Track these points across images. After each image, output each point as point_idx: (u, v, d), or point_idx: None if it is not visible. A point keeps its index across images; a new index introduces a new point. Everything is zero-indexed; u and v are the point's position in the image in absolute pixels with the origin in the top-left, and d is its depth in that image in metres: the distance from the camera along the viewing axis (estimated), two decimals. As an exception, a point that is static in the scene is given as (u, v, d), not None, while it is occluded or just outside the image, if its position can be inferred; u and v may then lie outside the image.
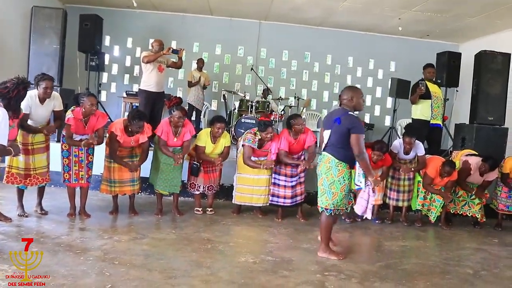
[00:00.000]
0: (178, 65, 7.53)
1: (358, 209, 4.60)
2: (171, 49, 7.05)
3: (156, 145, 5.62)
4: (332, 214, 4.43)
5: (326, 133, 4.45)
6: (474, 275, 4.39)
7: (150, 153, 5.75)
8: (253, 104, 9.26)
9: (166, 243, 4.56)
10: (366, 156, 4.27)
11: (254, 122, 8.50)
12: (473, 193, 6.23)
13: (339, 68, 11.54)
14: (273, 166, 5.72)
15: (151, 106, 7.17)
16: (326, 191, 4.41)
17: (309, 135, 5.84)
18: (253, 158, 5.77)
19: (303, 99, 10.64)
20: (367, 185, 4.41)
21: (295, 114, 6.22)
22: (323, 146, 4.52)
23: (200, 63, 9.80)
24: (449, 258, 4.88)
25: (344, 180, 4.37)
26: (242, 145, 5.81)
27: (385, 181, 6.22)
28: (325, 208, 4.45)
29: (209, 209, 5.91)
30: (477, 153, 6.44)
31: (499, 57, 7.61)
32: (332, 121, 4.38)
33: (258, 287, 3.62)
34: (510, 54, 7.64)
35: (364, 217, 4.85)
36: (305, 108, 10.51)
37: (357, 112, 4.51)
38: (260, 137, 5.72)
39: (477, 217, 6.30)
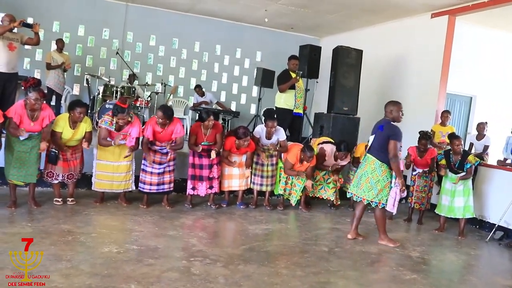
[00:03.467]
0: (34, 42, 6.84)
1: (388, 206, 5.16)
2: (23, 22, 6.36)
3: (7, 130, 5.10)
4: (379, 206, 5.15)
5: (371, 138, 5.25)
6: (329, 252, 4.77)
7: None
8: (118, 89, 8.89)
9: (21, 238, 4.16)
10: (399, 160, 5.05)
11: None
12: (330, 168, 6.71)
13: (206, 55, 11.56)
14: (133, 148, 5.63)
15: (1, 89, 6.50)
16: (373, 188, 5.12)
17: (177, 126, 5.78)
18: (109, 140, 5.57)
19: (170, 86, 10.49)
20: (396, 185, 5.05)
21: (161, 106, 5.91)
22: (367, 148, 5.30)
23: (60, 43, 9.07)
24: (308, 238, 5.24)
25: (388, 178, 5.09)
26: (99, 127, 5.61)
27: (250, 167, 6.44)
28: (371, 201, 5.17)
29: (70, 199, 5.57)
30: (333, 141, 6.96)
31: (353, 53, 8.27)
32: (376, 128, 5.21)
33: (123, 277, 3.52)
34: (362, 51, 8.35)
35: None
36: (172, 95, 10.40)
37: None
38: (118, 120, 5.52)
39: (332, 200, 6.83)
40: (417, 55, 8.71)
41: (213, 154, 5.99)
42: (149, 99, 9.61)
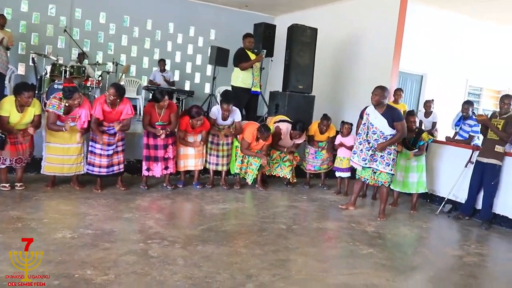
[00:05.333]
0: None
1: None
2: None
3: None
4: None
5: None
6: (287, 230, 4.80)
7: None
8: (67, 69, 8.53)
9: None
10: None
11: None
12: (285, 150, 6.73)
13: (159, 34, 11.28)
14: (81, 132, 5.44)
15: None
16: None
17: (127, 106, 5.60)
18: (59, 124, 5.35)
19: (121, 65, 10.15)
20: None
21: (113, 84, 5.76)
22: None
23: (1, 19, 8.54)
24: (265, 217, 5.24)
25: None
26: (46, 111, 5.36)
27: (205, 146, 6.36)
28: None
29: (19, 184, 5.33)
30: (288, 119, 6.96)
31: (308, 31, 8.25)
32: None
33: (78, 263, 3.40)
34: (317, 29, 8.34)
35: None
36: (124, 75, 10.08)
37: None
38: (66, 103, 5.29)
39: (288, 178, 6.88)
40: (370, 33, 8.81)
41: (162, 135, 5.84)
42: (100, 78, 9.29)
